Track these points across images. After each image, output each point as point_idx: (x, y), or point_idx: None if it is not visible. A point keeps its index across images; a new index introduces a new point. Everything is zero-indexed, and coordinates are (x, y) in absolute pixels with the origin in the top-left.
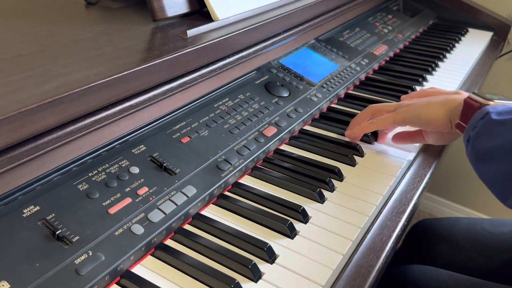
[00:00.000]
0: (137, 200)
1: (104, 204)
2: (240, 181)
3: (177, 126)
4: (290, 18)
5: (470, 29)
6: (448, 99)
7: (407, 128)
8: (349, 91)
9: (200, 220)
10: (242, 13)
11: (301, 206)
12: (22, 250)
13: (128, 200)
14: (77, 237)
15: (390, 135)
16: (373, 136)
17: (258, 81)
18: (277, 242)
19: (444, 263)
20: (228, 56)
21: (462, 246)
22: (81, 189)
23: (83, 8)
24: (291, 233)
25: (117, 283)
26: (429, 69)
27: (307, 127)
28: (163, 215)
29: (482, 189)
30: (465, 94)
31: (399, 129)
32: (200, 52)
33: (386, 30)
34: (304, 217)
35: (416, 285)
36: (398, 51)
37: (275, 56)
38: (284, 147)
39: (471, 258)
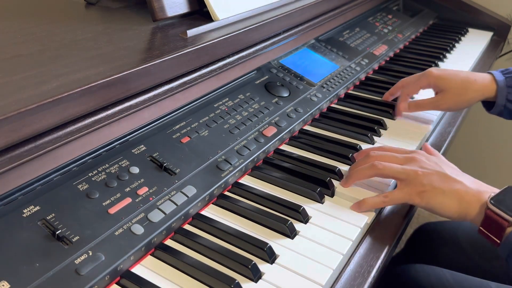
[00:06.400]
0: (137, 200)
1: (104, 204)
2: (240, 181)
3: (177, 126)
4: (290, 18)
5: (470, 29)
6: (464, 197)
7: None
8: (349, 91)
9: (200, 220)
10: (242, 13)
11: (301, 206)
12: (22, 250)
13: (128, 200)
14: (77, 237)
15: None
16: (374, 136)
17: (258, 81)
18: (277, 242)
19: (446, 266)
20: (228, 56)
21: (465, 249)
22: (81, 189)
23: (83, 8)
24: (291, 233)
25: (117, 283)
26: None
27: (307, 127)
28: (163, 215)
29: None
30: (484, 190)
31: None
32: (200, 52)
33: (386, 30)
34: (304, 217)
35: (419, 284)
36: (398, 51)
37: (275, 56)
38: (284, 147)
39: (473, 261)
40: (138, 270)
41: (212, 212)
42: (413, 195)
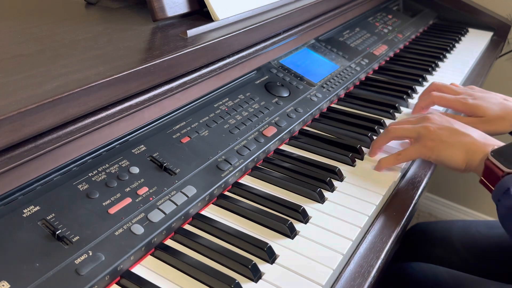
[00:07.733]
0: (137, 200)
1: (104, 204)
2: (240, 181)
3: (177, 126)
4: (290, 18)
5: (470, 29)
6: (471, 148)
7: None
8: (349, 91)
9: (200, 220)
10: (242, 13)
11: (301, 206)
12: (22, 250)
13: (128, 200)
14: (77, 237)
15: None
16: (374, 136)
17: (258, 81)
18: (277, 242)
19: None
20: (228, 56)
21: (457, 249)
22: (81, 189)
23: (83, 8)
24: (291, 233)
25: (117, 283)
26: (429, 69)
27: (307, 127)
28: (163, 215)
29: (482, 189)
30: (490, 143)
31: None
32: (200, 52)
33: (386, 30)
34: (304, 217)
35: (416, 282)
36: (398, 51)
37: (275, 56)
38: (284, 147)
39: (465, 261)
40: (138, 270)
41: (212, 212)
42: (424, 149)
